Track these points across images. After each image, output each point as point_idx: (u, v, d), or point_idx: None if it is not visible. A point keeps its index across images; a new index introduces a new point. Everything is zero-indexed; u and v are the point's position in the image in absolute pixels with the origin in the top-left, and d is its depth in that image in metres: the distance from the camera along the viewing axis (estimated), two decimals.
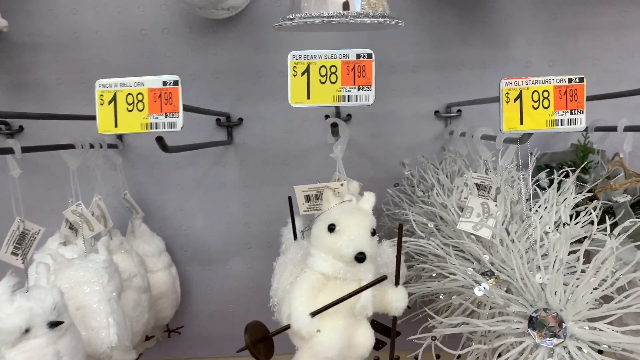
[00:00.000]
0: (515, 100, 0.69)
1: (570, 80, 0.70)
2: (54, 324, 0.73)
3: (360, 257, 0.69)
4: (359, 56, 0.66)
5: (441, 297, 0.87)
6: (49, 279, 0.80)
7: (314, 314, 0.69)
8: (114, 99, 0.66)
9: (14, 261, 0.83)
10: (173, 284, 1.12)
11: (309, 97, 0.66)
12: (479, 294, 0.74)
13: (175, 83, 0.66)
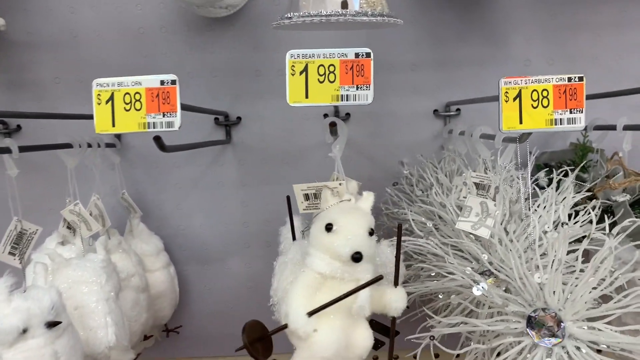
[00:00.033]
0: (515, 99, 0.69)
1: (570, 80, 0.69)
2: (52, 324, 0.72)
3: (357, 257, 0.69)
4: (357, 55, 0.65)
5: (440, 296, 0.87)
6: (46, 278, 0.80)
7: (310, 313, 0.69)
8: (111, 98, 0.66)
9: (11, 261, 0.83)
10: (171, 283, 1.12)
11: (307, 97, 0.66)
12: (478, 294, 0.74)
13: (173, 82, 0.66)
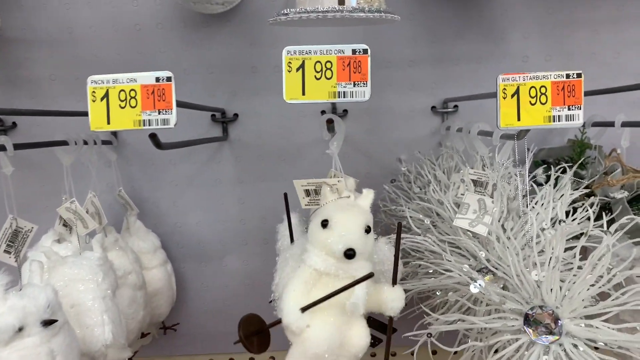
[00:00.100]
0: (513, 96, 0.69)
1: (568, 76, 0.69)
2: (48, 322, 0.72)
3: (350, 254, 0.68)
4: (354, 52, 0.65)
5: (437, 293, 0.87)
6: (42, 276, 0.79)
7: (304, 309, 0.69)
8: (106, 95, 0.65)
9: (6, 259, 0.83)
10: (168, 281, 1.12)
11: (304, 93, 0.65)
12: (475, 291, 0.73)
13: (168, 79, 0.65)
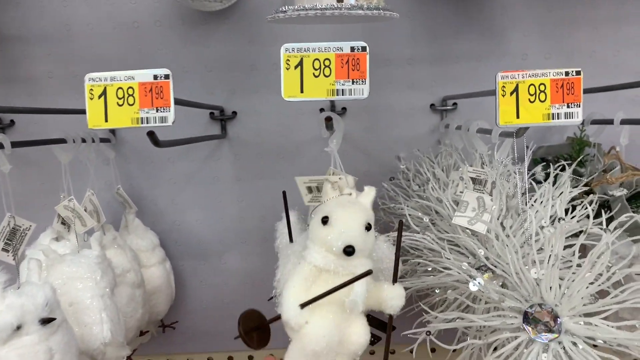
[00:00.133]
0: (512, 93, 0.68)
1: (567, 74, 0.69)
2: (46, 320, 0.72)
3: (349, 251, 0.68)
4: (353, 49, 0.65)
5: (436, 291, 0.87)
6: (40, 275, 0.79)
7: (303, 305, 0.69)
8: (104, 93, 0.65)
9: (5, 257, 0.83)
10: (167, 279, 1.12)
11: (302, 91, 0.65)
12: (474, 289, 0.73)
13: (166, 77, 0.65)
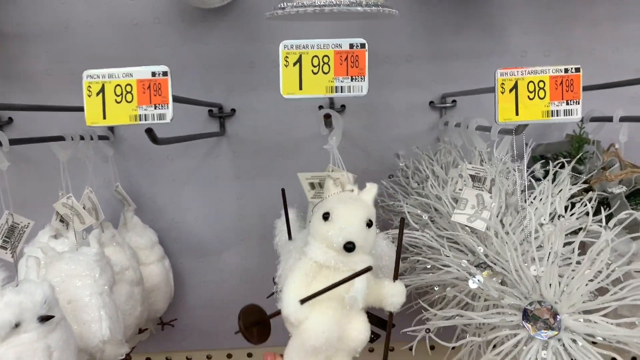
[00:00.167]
0: (511, 90, 0.68)
1: (567, 71, 0.69)
2: (45, 318, 0.71)
3: (349, 247, 0.68)
4: (352, 46, 0.65)
5: (435, 289, 0.87)
6: (39, 272, 0.79)
7: (302, 300, 0.69)
8: (102, 90, 0.65)
9: (3, 255, 0.83)
10: (166, 276, 1.12)
11: (301, 88, 0.65)
12: (474, 286, 0.73)
13: (165, 74, 0.65)
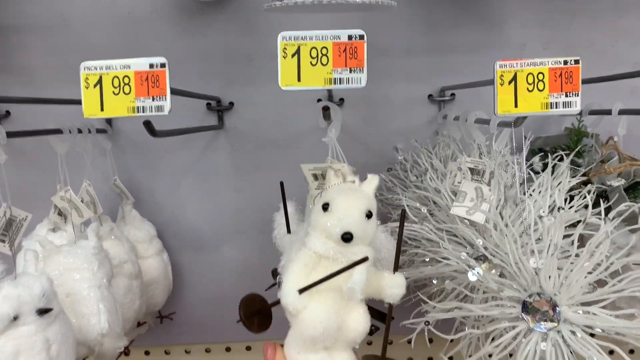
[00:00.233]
0: (510, 82, 0.68)
1: (566, 62, 0.69)
2: (43, 311, 0.71)
3: (347, 237, 0.68)
4: (350, 37, 0.64)
5: (434, 281, 0.87)
6: (37, 265, 0.79)
7: (301, 290, 0.69)
8: (99, 82, 0.64)
9: (1, 248, 0.82)
10: (165, 270, 1.12)
11: (299, 80, 0.64)
12: (473, 279, 0.73)
13: (162, 65, 0.64)
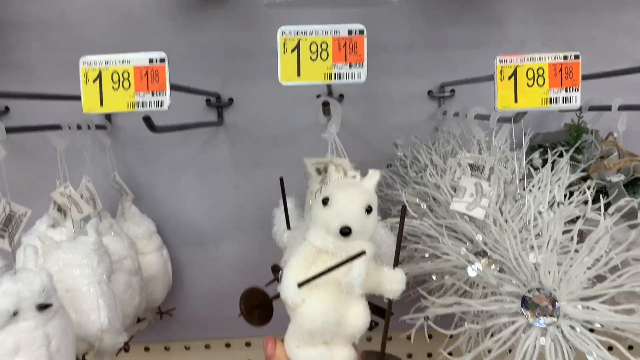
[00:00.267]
0: (510, 78, 0.68)
1: (566, 58, 0.69)
2: (43, 306, 0.71)
3: (345, 232, 0.68)
4: (350, 32, 0.64)
5: (434, 277, 0.87)
6: (37, 261, 0.79)
7: (300, 284, 0.69)
8: (99, 77, 0.64)
9: (1, 244, 0.82)
10: (164, 266, 1.12)
11: (299, 75, 0.64)
12: (472, 274, 0.73)
13: (162, 60, 0.64)
